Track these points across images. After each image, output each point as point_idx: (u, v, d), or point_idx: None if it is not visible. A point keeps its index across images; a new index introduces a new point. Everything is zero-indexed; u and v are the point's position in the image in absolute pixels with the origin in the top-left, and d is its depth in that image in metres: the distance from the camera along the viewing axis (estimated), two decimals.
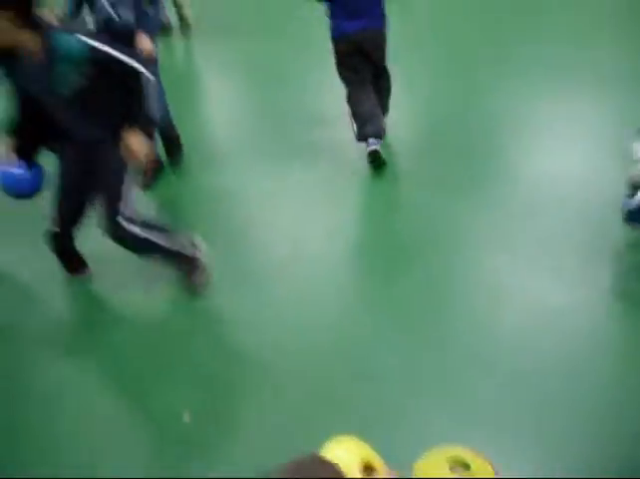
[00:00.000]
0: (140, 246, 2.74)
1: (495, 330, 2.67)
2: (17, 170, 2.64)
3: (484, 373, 2.44)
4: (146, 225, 2.71)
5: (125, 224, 2.63)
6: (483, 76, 4.74)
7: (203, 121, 4.62)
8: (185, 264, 2.91)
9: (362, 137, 3.65)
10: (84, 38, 2.31)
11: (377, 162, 3.65)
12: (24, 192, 2.71)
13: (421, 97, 4.62)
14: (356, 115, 3.64)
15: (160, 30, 3.47)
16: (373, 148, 3.62)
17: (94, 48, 2.31)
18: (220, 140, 4.18)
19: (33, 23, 2.27)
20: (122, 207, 2.62)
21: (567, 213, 3.30)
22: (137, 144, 2.46)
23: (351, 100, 3.66)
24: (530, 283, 2.87)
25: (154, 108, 2.46)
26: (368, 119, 3.58)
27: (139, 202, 2.77)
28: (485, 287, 2.90)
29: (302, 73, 4.87)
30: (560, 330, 2.63)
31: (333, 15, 3.40)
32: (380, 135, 3.67)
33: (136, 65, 2.40)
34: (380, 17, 3.42)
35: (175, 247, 2.80)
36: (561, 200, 3.39)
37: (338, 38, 3.44)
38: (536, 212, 3.33)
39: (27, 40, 2.26)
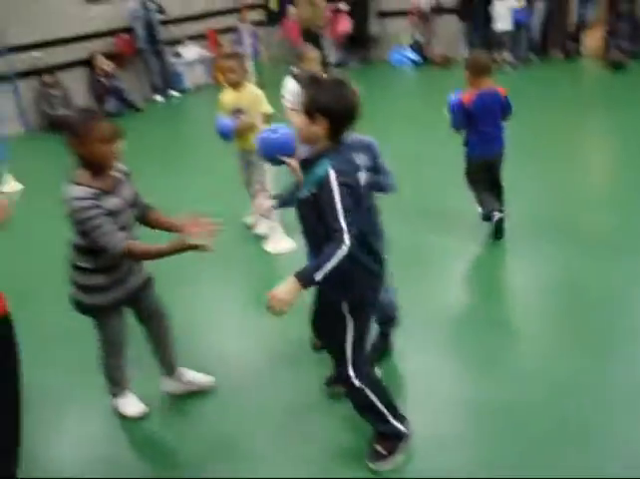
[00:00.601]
0: (359, 403, 2.64)
1: None
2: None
3: None
4: (371, 384, 2.62)
5: (349, 379, 2.56)
6: None
7: None
8: (390, 436, 2.68)
9: (489, 212, 4.47)
10: (332, 169, 2.31)
11: (500, 225, 4.46)
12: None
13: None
14: (484, 202, 4.52)
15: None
16: (498, 216, 4.43)
17: (328, 182, 2.30)
18: None
19: (337, 140, 2.38)
20: (345, 361, 2.55)
21: None
22: (282, 291, 2.27)
23: (479, 198, 4.54)
24: None
25: (324, 273, 2.31)
26: (494, 202, 4.51)
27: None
28: None
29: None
30: None
31: (470, 140, 4.39)
32: (502, 210, 4.49)
33: (344, 228, 2.26)
34: (503, 141, 4.41)
35: (389, 416, 2.66)
36: None
37: (473, 157, 4.41)
38: None
39: (321, 146, 2.38)
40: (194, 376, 3.13)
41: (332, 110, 2.31)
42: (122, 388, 2.98)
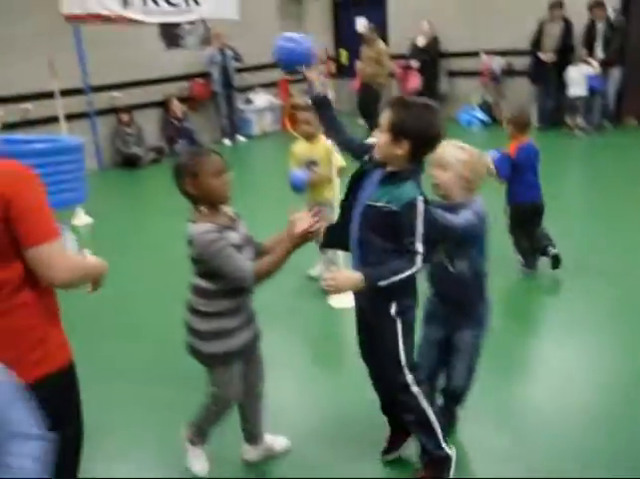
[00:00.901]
0: (415, 416, 2.61)
1: None
2: None
3: None
4: (426, 395, 2.60)
5: (407, 387, 2.55)
6: None
7: None
8: (437, 461, 2.66)
9: (542, 254, 4.79)
10: (420, 196, 2.33)
11: (557, 261, 4.78)
12: None
13: None
14: (524, 250, 4.86)
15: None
16: (554, 252, 4.77)
17: (416, 207, 2.31)
18: None
19: (416, 163, 2.38)
20: (402, 369, 2.54)
21: None
22: (344, 277, 2.40)
23: (520, 243, 4.88)
24: None
25: (388, 283, 2.34)
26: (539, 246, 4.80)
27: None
28: None
29: None
30: None
31: (513, 189, 4.69)
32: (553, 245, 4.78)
33: (420, 251, 2.31)
34: (541, 189, 4.71)
35: (438, 431, 2.62)
36: None
37: (517, 205, 4.73)
38: None
39: (402, 166, 2.37)
40: (273, 441, 2.97)
41: (418, 135, 2.30)
42: (202, 441, 2.84)
